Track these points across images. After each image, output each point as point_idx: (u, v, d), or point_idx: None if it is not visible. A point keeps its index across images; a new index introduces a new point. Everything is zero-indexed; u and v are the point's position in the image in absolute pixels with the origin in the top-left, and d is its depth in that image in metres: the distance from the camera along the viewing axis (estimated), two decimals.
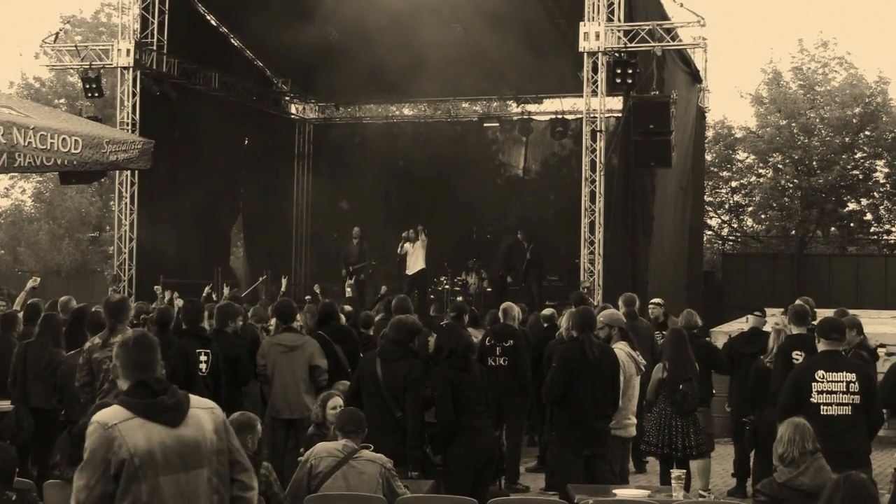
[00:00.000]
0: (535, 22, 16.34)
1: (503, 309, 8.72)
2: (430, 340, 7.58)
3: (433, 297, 16.31)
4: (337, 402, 6.27)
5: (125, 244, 15.48)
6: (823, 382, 5.80)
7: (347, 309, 9.92)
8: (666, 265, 15.54)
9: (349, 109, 21.81)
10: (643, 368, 7.43)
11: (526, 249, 16.23)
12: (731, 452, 8.83)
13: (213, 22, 18.13)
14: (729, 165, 26.73)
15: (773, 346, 7.65)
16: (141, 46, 15.46)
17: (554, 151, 19.90)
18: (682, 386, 7.39)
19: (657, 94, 13.26)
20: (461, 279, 16.96)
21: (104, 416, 3.29)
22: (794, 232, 24.81)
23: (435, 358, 6.63)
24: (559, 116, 19.50)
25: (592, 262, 13.63)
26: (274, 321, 8.22)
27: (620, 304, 9.16)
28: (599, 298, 12.87)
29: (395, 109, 22.52)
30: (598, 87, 13.62)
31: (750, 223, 27.64)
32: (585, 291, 12.15)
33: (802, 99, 24.81)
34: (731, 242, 27.52)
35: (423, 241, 16.19)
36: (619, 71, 13.26)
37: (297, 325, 7.95)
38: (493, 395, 6.97)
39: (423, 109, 21.77)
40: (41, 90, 28.17)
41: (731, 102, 56.49)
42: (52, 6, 39.89)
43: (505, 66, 18.28)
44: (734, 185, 26.96)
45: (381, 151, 20.64)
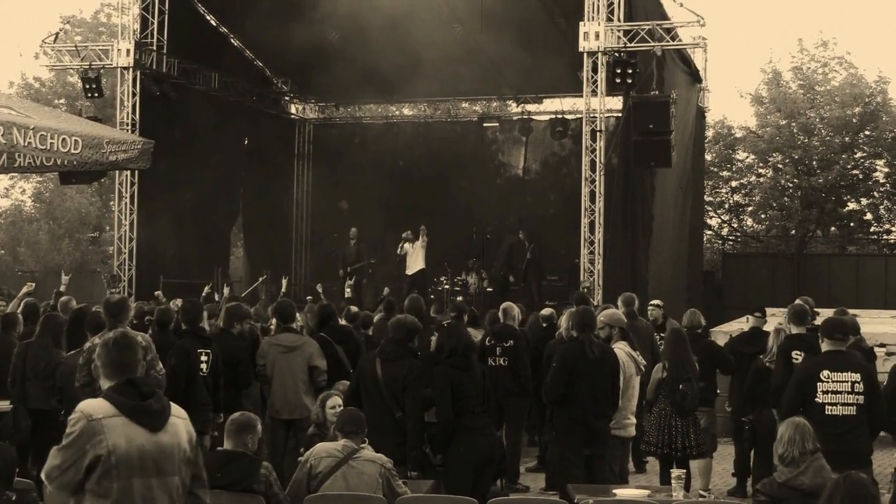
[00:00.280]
0: (534, 22, 16.33)
1: (503, 309, 8.70)
2: (432, 340, 7.57)
3: (433, 297, 16.21)
4: (336, 402, 6.25)
5: (125, 244, 15.48)
6: (829, 382, 5.79)
7: (354, 309, 9.89)
8: (666, 265, 15.52)
9: (349, 109, 21.79)
10: (643, 368, 7.40)
11: (527, 249, 16.20)
12: (731, 452, 8.81)
13: (212, 22, 18.12)
14: (729, 165, 26.71)
15: (772, 345, 7.64)
16: (141, 46, 15.46)
17: (554, 151, 19.87)
18: (681, 386, 7.37)
19: (657, 93, 13.26)
20: (461, 279, 16.91)
21: (90, 407, 3.32)
22: (794, 232, 24.79)
23: (436, 358, 6.62)
24: (559, 116, 19.46)
25: (592, 261, 13.62)
26: (274, 321, 8.20)
27: (620, 303, 9.11)
28: (599, 298, 12.86)
29: (394, 109, 22.50)
30: (597, 86, 13.62)
31: (750, 223, 27.64)
32: (585, 291, 12.14)
33: (802, 99, 24.81)
34: (731, 242, 27.50)
35: (423, 241, 16.15)
36: (618, 71, 13.27)
37: (296, 325, 7.93)
38: (493, 395, 6.93)
39: (422, 109, 21.77)
40: (41, 90, 28.20)
41: (730, 102, 56.59)
42: (51, 6, 40.01)
43: (505, 65, 18.25)
44: (734, 184, 26.95)
45: (380, 151, 20.59)
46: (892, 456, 8.73)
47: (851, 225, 25.87)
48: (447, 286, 16.56)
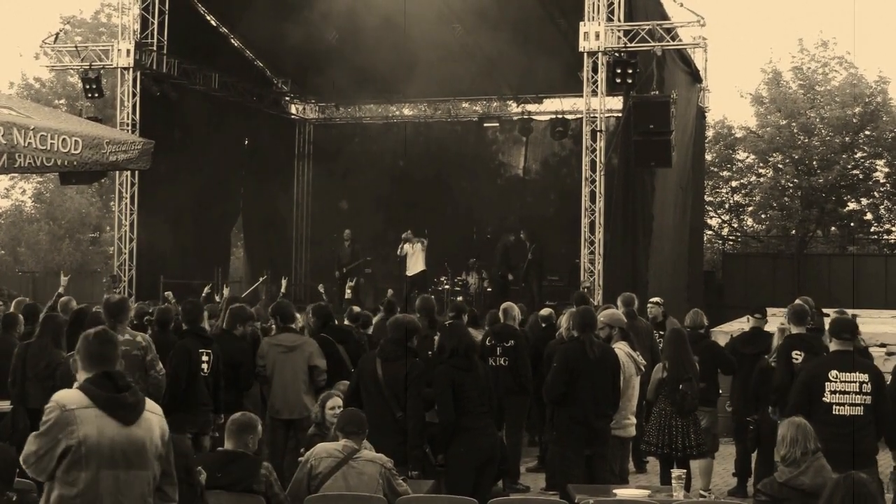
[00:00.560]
0: (535, 22, 16.34)
1: (503, 309, 8.68)
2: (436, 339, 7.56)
3: (433, 297, 16.21)
4: (336, 402, 6.23)
5: (125, 245, 15.47)
6: (837, 382, 5.78)
7: (356, 309, 9.88)
8: (666, 265, 15.50)
9: (349, 109, 21.77)
10: (643, 369, 7.39)
11: (528, 249, 16.18)
12: (732, 452, 8.77)
13: (212, 22, 18.10)
14: (729, 165, 26.69)
15: (777, 345, 7.59)
16: (141, 47, 15.45)
17: (554, 151, 19.87)
18: (682, 386, 7.34)
19: (657, 93, 13.25)
20: (461, 279, 16.90)
21: (64, 397, 3.39)
22: (794, 232, 24.78)
23: (438, 357, 6.61)
24: (559, 116, 19.45)
25: (593, 261, 13.62)
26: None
27: (619, 303, 9.10)
28: (600, 298, 12.86)
29: (394, 109, 22.48)
30: (598, 86, 13.61)
31: (750, 223, 27.64)
32: (586, 291, 12.12)
33: (802, 99, 24.79)
34: (731, 242, 27.46)
35: (423, 244, 16.16)
36: (619, 71, 13.26)
37: (297, 325, 7.90)
38: (494, 395, 6.90)
39: (422, 109, 21.75)
40: (41, 91, 28.19)
41: (731, 102, 56.57)
42: (52, 7, 39.94)
43: (505, 65, 18.24)
44: (734, 184, 26.92)
45: (380, 151, 20.60)
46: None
47: (852, 225, 25.83)
48: (447, 286, 16.53)
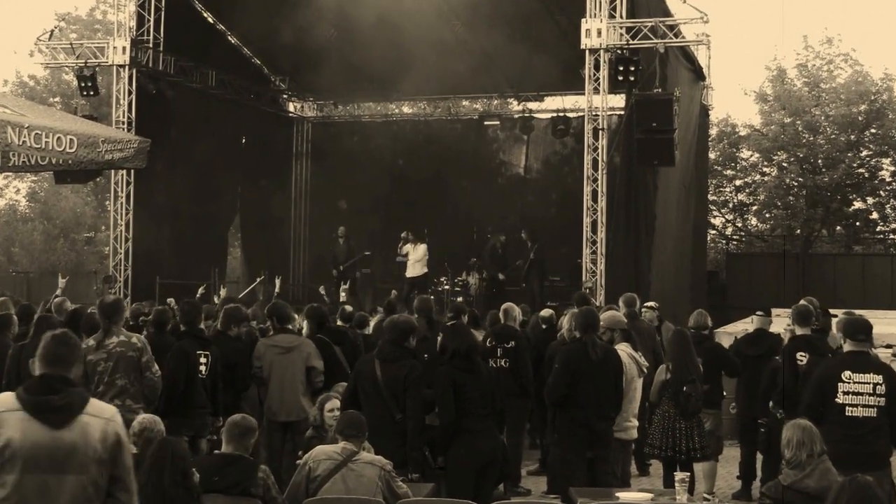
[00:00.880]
0: (535, 18, 16.27)
1: (504, 310, 8.65)
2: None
3: (433, 297, 16.10)
4: (335, 404, 6.22)
5: (121, 245, 15.36)
6: (850, 383, 5.76)
7: (349, 309, 9.87)
8: (669, 265, 15.45)
9: (348, 107, 21.64)
10: (645, 371, 7.37)
11: (530, 249, 16.12)
12: (736, 455, 8.73)
13: (209, 19, 17.99)
14: (733, 164, 26.65)
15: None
16: (137, 44, 15.33)
17: (555, 150, 19.77)
18: (685, 387, 7.26)
19: (660, 91, 13.22)
20: (461, 279, 16.83)
21: None
22: (799, 231, 24.73)
23: (439, 358, 6.56)
24: (561, 114, 19.31)
25: (594, 261, 13.56)
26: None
27: (621, 304, 9.09)
28: (602, 299, 12.81)
29: (394, 107, 22.36)
30: (600, 84, 13.55)
31: (754, 222, 27.63)
32: (588, 291, 12.08)
33: (807, 96, 24.75)
34: (735, 242, 27.43)
35: (425, 249, 16.08)
36: (621, 68, 13.18)
37: (295, 326, 7.90)
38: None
39: (422, 107, 21.63)
40: (36, 88, 28.07)
41: (734, 100, 56.29)
42: (46, 3, 39.62)
43: (505, 63, 18.11)
44: (738, 183, 26.90)
45: (380, 150, 20.50)
46: None
47: (857, 224, 25.81)
48: (447, 286, 16.45)
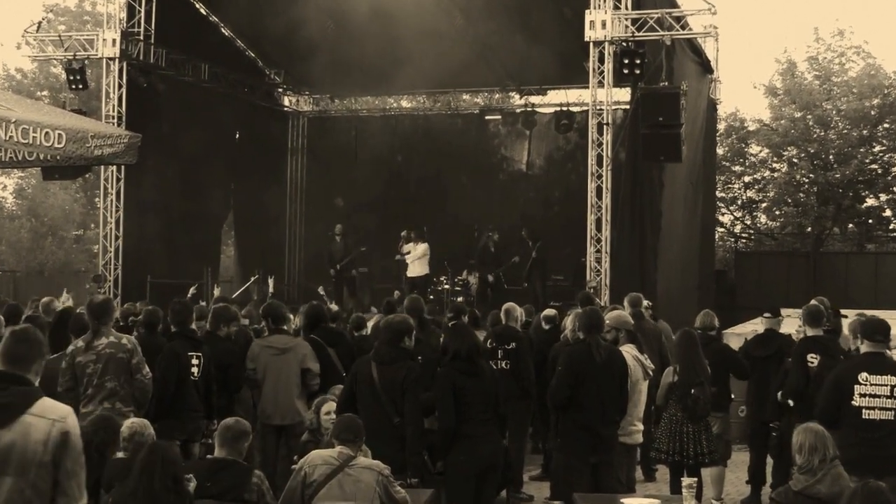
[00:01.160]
0: (537, 8, 16.13)
1: (505, 310, 8.60)
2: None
3: (433, 297, 16.06)
4: (331, 407, 6.20)
5: (111, 243, 15.23)
6: (867, 385, 5.73)
7: (334, 308, 9.93)
8: (675, 264, 15.35)
9: (345, 102, 21.55)
10: (651, 373, 7.26)
11: (531, 248, 16.08)
12: (745, 459, 8.60)
13: (202, 10, 17.82)
14: (742, 159, 26.49)
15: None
16: (127, 36, 15.18)
17: (559, 145, 19.68)
18: (693, 390, 7.17)
19: (666, 85, 13.11)
20: (462, 279, 16.78)
21: None
22: (809, 229, 24.57)
23: (440, 359, 6.52)
24: (564, 109, 19.15)
25: (599, 260, 13.48)
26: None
27: (626, 304, 8.99)
28: (607, 299, 12.74)
29: (392, 102, 22.34)
30: (604, 77, 13.45)
31: (764, 220, 27.45)
32: (592, 291, 12.06)
33: (818, 90, 24.56)
34: (744, 240, 27.35)
35: (426, 249, 16.05)
36: (626, 61, 13.11)
37: (291, 326, 7.89)
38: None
39: (421, 102, 21.56)
40: (23, 82, 27.98)
41: (743, 94, 56.18)
42: None
43: (507, 55, 18.03)
44: (747, 179, 26.72)
45: (378, 146, 20.38)
46: None
47: (870, 222, 25.62)
48: (447, 286, 16.38)
